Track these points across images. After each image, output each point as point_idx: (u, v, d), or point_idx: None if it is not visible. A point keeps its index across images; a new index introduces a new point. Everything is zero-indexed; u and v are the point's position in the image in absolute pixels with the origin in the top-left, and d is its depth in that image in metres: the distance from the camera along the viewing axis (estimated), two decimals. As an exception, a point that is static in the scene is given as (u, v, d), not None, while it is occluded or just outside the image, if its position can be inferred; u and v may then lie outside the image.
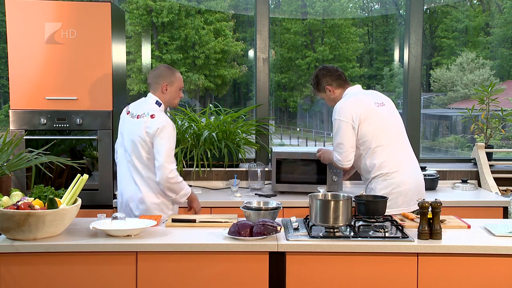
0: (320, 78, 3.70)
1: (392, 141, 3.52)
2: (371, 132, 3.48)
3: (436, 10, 12.40)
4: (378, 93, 3.73)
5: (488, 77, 11.33)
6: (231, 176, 4.48)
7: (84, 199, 3.07)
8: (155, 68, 3.52)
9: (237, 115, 4.79)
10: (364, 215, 3.03)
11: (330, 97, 3.70)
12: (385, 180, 3.45)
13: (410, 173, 3.51)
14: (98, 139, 3.96)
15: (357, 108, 3.49)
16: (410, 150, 3.60)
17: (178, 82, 3.47)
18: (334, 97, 3.68)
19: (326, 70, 3.70)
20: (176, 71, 3.47)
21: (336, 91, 3.67)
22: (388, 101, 3.66)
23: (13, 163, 3.15)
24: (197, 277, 2.78)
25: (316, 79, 3.74)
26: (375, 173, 3.48)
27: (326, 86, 3.67)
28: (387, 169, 3.45)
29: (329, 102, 3.73)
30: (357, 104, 3.52)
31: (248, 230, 2.80)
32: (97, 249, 2.77)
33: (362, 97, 3.60)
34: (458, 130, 10.36)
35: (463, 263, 2.77)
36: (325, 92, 3.70)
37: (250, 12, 9.78)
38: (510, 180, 4.67)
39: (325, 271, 2.79)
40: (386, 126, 3.53)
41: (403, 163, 3.49)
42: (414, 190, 3.48)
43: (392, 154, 3.48)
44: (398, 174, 3.45)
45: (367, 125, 3.48)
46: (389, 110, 3.60)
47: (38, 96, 3.93)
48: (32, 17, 3.89)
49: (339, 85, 3.67)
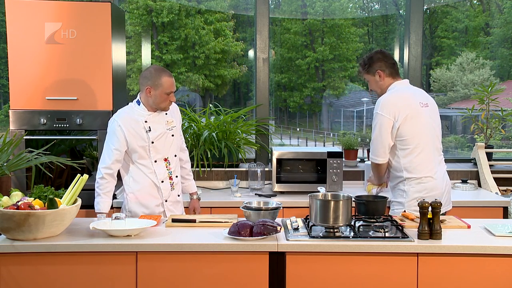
0: (374, 61, 3.58)
1: (429, 144, 3.47)
2: (411, 133, 3.43)
3: (436, 10, 12.41)
4: (424, 92, 3.67)
5: (488, 77, 11.33)
6: (231, 176, 4.48)
7: (84, 199, 3.07)
8: (146, 68, 3.50)
9: (237, 115, 4.79)
10: (364, 215, 3.02)
11: (378, 83, 3.58)
12: (419, 184, 3.43)
13: (442, 178, 3.50)
14: (98, 139, 3.96)
15: (401, 106, 3.42)
16: (442, 155, 3.59)
17: (164, 86, 3.29)
18: (381, 84, 3.58)
19: (382, 55, 3.59)
20: (163, 75, 3.30)
21: (386, 79, 3.56)
22: (432, 102, 3.61)
23: (13, 163, 3.15)
24: (197, 277, 2.78)
25: (369, 60, 3.60)
26: (410, 175, 3.43)
27: (378, 70, 3.55)
28: (423, 173, 3.43)
29: (373, 86, 3.62)
30: (402, 101, 3.45)
31: (248, 230, 2.80)
32: (97, 249, 2.77)
33: (408, 94, 3.52)
34: (458, 130, 10.37)
35: (463, 263, 2.77)
36: (374, 76, 3.57)
37: (250, 12, 9.78)
38: (510, 180, 4.66)
39: (325, 271, 2.78)
40: (426, 128, 3.47)
41: (437, 168, 3.48)
42: (445, 194, 3.49)
43: (428, 158, 3.45)
44: (432, 179, 3.43)
45: (408, 125, 3.42)
46: (431, 111, 3.55)
47: (38, 96, 3.93)
48: (32, 17, 3.89)
49: (390, 73, 3.55)
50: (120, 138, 3.31)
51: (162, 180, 3.43)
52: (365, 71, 3.62)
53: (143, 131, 3.36)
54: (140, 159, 3.39)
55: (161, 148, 3.41)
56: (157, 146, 3.39)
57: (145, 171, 3.41)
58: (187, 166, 3.70)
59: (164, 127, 3.43)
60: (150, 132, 3.37)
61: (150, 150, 3.38)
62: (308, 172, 4.19)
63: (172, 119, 3.49)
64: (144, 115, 3.38)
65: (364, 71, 3.63)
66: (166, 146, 3.44)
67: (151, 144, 3.37)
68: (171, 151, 3.48)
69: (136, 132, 3.34)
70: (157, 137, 3.39)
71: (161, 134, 3.41)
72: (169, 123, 3.46)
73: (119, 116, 3.37)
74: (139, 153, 3.37)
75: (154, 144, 3.38)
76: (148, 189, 3.42)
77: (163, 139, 3.42)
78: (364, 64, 3.64)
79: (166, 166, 3.45)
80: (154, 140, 3.38)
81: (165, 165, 3.44)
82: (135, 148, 3.35)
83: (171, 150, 3.48)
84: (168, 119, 3.46)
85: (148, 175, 3.41)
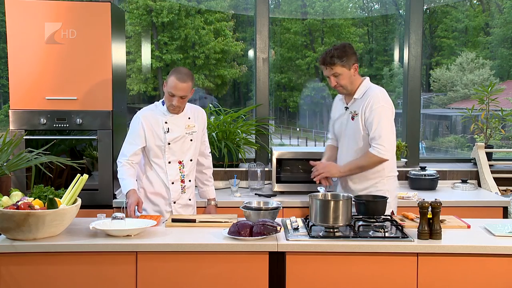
0: (350, 53, 3.35)
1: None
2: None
3: (436, 10, 12.41)
4: None
5: (488, 77, 11.33)
6: (231, 176, 4.48)
7: (84, 199, 3.07)
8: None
9: (237, 115, 4.79)
10: (364, 215, 3.03)
11: (351, 78, 3.36)
12: (395, 181, 3.46)
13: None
14: (98, 139, 3.96)
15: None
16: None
17: (168, 85, 3.34)
18: (353, 80, 3.37)
19: (353, 49, 3.38)
20: (172, 75, 3.31)
21: (357, 75, 3.40)
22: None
23: (13, 163, 3.15)
24: (197, 277, 2.78)
25: (345, 52, 3.34)
26: (389, 173, 3.41)
27: (355, 63, 3.36)
28: (396, 171, 3.46)
29: (345, 81, 3.35)
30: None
31: (248, 230, 2.80)
32: (97, 249, 2.77)
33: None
34: (458, 130, 10.37)
35: (463, 263, 2.77)
36: (349, 70, 3.34)
37: (250, 12, 9.78)
38: (510, 180, 4.66)
39: (325, 271, 2.78)
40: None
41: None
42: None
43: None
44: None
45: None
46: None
47: (38, 96, 3.93)
48: (32, 17, 3.88)
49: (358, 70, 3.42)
50: (140, 134, 3.39)
51: (172, 182, 3.44)
52: (341, 63, 3.32)
53: (162, 131, 3.40)
54: (155, 157, 3.43)
55: (177, 150, 3.44)
56: (173, 148, 3.42)
57: (158, 170, 3.45)
58: (208, 172, 3.70)
59: (183, 130, 3.45)
60: (168, 133, 3.39)
61: (166, 150, 3.41)
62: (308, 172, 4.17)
63: (195, 124, 3.51)
64: (166, 116, 3.42)
65: (340, 63, 3.32)
66: (183, 150, 3.46)
67: (167, 145, 3.40)
68: (187, 155, 3.48)
69: (154, 130, 3.40)
70: (174, 139, 3.41)
71: (179, 137, 3.43)
72: (190, 128, 3.48)
73: (142, 113, 3.45)
74: (154, 151, 3.42)
75: (170, 145, 3.41)
76: (158, 188, 3.46)
77: (180, 142, 3.44)
78: (341, 56, 3.33)
79: (179, 168, 3.47)
80: (171, 142, 3.41)
81: (178, 168, 3.46)
82: (151, 146, 3.41)
83: (187, 154, 3.48)
84: (190, 123, 3.48)
85: (160, 174, 3.45)
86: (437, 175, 4.41)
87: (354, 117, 3.39)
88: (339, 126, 3.54)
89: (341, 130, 3.52)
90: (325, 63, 3.35)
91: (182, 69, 3.37)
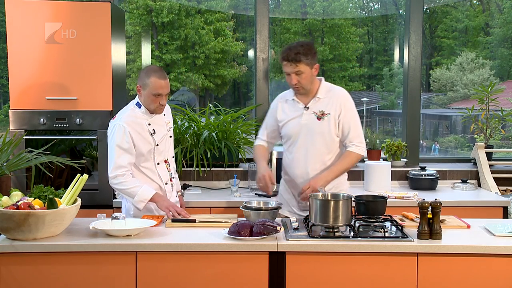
0: (313, 53, 3.27)
1: None
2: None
3: (436, 10, 12.41)
4: None
5: (488, 77, 11.34)
6: (231, 176, 4.47)
7: (84, 199, 3.07)
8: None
9: (237, 115, 4.79)
10: (364, 215, 3.02)
11: (312, 78, 3.31)
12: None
13: None
14: (98, 139, 3.96)
15: None
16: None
17: (150, 87, 3.18)
18: (312, 79, 3.32)
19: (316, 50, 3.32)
20: (153, 75, 3.18)
21: (315, 76, 3.36)
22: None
23: (13, 163, 3.15)
24: (197, 277, 2.78)
25: (310, 50, 3.24)
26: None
27: (316, 64, 3.29)
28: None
29: (307, 80, 3.27)
30: None
31: (248, 230, 2.80)
32: (97, 249, 2.77)
33: None
34: (458, 130, 10.38)
35: (463, 263, 2.77)
36: (311, 69, 3.27)
37: (250, 12, 9.78)
38: (510, 180, 4.66)
39: (325, 271, 2.78)
40: None
41: None
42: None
43: None
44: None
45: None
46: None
47: (38, 96, 3.93)
48: (32, 17, 3.89)
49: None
50: (129, 142, 3.22)
51: (166, 182, 3.41)
52: (306, 60, 3.21)
53: (148, 134, 3.30)
54: (144, 162, 3.32)
55: (163, 150, 3.39)
56: (160, 148, 3.37)
57: (149, 174, 3.34)
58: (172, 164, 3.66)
59: (165, 128, 3.41)
60: (155, 135, 3.33)
61: (155, 152, 3.35)
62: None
63: (169, 119, 3.48)
64: (146, 118, 3.31)
65: (305, 60, 3.21)
66: (166, 148, 3.43)
67: (156, 147, 3.34)
68: (170, 153, 3.48)
69: (142, 136, 3.28)
70: (161, 139, 3.37)
71: (163, 136, 3.39)
72: (167, 124, 3.45)
73: (124, 120, 3.25)
74: (145, 156, 3.31)
75: (158, 146, 3.35)
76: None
77: (164, 140, 3.40)
78: (306, 54, 3.21)
79: (166, 167, 3.44)
80: (159, 143, 3.35)
81: (165, 167, 3.43)
82: (142, 152, 3.28)
83: (170, 151, 3.47)
84: (166, 119, 3.44)
85: (153, 178, 3.35)
86: (437, 175, 4.41)
87: (322, 117, 3.34)
88: (294, 127, 3.42)
89: (299, 131, 3.40)
90: (289, 59, 3.21)
91: (155, 67, 3.29)
